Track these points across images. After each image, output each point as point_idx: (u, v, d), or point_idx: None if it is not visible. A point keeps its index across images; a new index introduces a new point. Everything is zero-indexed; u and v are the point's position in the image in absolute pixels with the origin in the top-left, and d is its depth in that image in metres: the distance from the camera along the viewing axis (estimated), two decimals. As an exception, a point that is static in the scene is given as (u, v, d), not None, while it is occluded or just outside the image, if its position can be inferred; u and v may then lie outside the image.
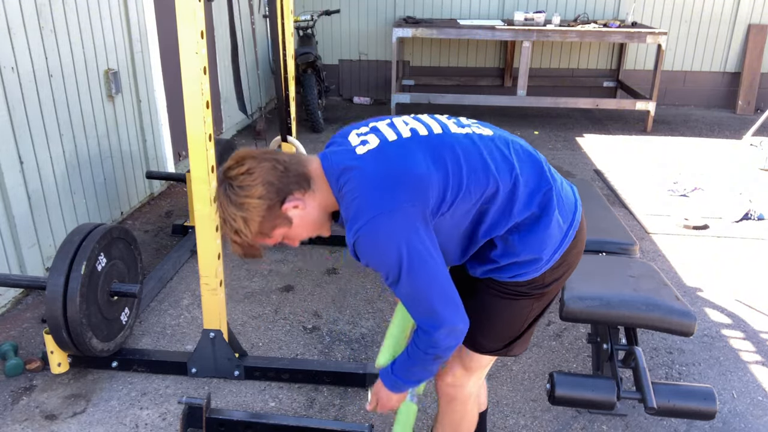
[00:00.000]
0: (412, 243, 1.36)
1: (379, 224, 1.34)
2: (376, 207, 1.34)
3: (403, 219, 1.35)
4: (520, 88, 6.19)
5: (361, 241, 1.37)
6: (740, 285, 3.37)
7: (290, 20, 3.34)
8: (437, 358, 1.49)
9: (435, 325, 1.43)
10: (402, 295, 1.44)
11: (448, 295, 1.43)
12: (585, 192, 3.19)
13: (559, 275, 1.59)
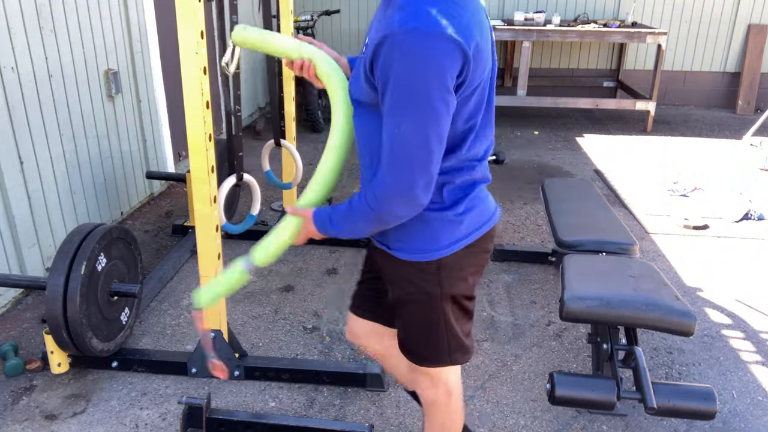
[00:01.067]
0: (443, 81, 1.23)
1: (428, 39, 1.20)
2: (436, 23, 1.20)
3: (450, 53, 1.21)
4: (520, 88, 6.19)
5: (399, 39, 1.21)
6: (740, 285, 3.37)
7: (290, 20, 3.34)
8: (378, 220, 1.40)
9: (397, 184, 1.31)
10: (388, 128, 1.29)
11: (430, 164, 1.31)
12: (585, 192, 3.19)
13: (456, 273, 1.53)
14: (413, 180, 1.31)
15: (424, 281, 1.53)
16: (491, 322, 2.99)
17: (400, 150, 1.29)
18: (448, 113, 1.28)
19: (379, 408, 2.41)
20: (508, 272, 3.46)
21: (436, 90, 1.23)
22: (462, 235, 1.53)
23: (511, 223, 4.09)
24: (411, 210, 1.37)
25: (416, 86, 1.23)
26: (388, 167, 1.32)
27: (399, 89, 1.24)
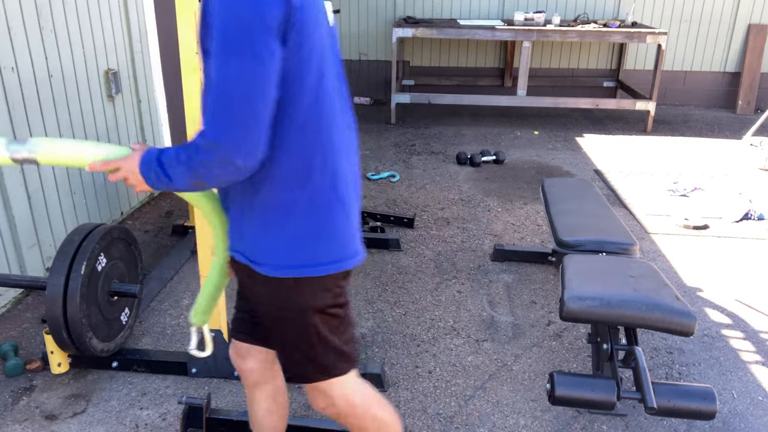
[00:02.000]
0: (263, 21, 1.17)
1: None
2: None
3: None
4: (520, 88, 6.19)
5: None
6: (740, 285, 3.37)
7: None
8: (195, 172, 1.26)
9: (216, 132, 1.21)
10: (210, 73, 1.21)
11: (252, 116, 1.20)
12: (585, 192, 3.19)
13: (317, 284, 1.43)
14: (233, 132, 1.20)
15: (285, 298, 1.44)
16: (491, 322, 2.99)
17: (221, 96, 1.19)
18: (273, 61, 1.20)
19: (379, 408, 2.41)
20: (508, 272, 3.46)
21: (257, 31, 1.17)
22: (324, 260, 1.41)
23: (511, 223, 4.09)
24: (227, 169, 1.24)
25: (235, 27, 1.17)
26: (208, 114, 1.22)
27: (220, 31, 1.18)
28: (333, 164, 1.38)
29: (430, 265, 3.53)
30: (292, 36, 1.22)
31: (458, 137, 6.02)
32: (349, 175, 1.44)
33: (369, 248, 3.70)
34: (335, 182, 1.38)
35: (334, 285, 1.46)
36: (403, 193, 4.59)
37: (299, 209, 1.36)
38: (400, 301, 3.16)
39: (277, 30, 1.20)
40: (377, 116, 6.73)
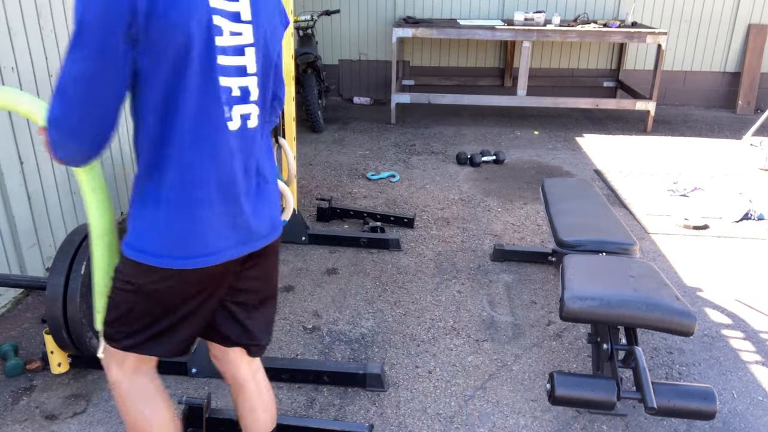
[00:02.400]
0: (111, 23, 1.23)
1: None
2: None
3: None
4: (520, 88, 6.19)
5: None
6: (740, 285, 3.37)
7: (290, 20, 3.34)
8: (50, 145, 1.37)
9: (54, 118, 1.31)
10: None
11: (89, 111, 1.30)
12: (585, 192, 3.19)
13: None
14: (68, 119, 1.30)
15: None
16: (491, 322, 2.99)
17: (62, 85, 1.28)
18: (112, 59, 1.26)
19: (379, 408, 2.41)
20: (508, 272, 3.46)
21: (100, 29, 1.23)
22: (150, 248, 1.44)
23: (511, 223, 4.10)
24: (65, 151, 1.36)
25: (81, 21, 1.23)
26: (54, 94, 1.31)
27: (74, 23, 1.25)
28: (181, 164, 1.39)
29: (430, 265, 3.53)
30: (141, 38, 1.26)
31: (458, 137, 6.02)
32: (213, 179, 1.42)
33: (369, 248, 3.71)
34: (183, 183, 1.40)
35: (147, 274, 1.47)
36: (403, 193, 4.59)
37: (148, 201, 1.42)
38: (400, 301, 3.16)
39: (124, 30, 1.24)
40: (377, 116, 6.73)
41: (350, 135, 6.04)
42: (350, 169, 5.08)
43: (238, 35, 1.39)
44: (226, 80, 1.39)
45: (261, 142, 1.55)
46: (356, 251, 3.67)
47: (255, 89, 1.47)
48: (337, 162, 5.23)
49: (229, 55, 1.38)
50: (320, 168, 5.08)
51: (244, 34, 1.40)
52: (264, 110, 1.54)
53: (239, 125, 1.45)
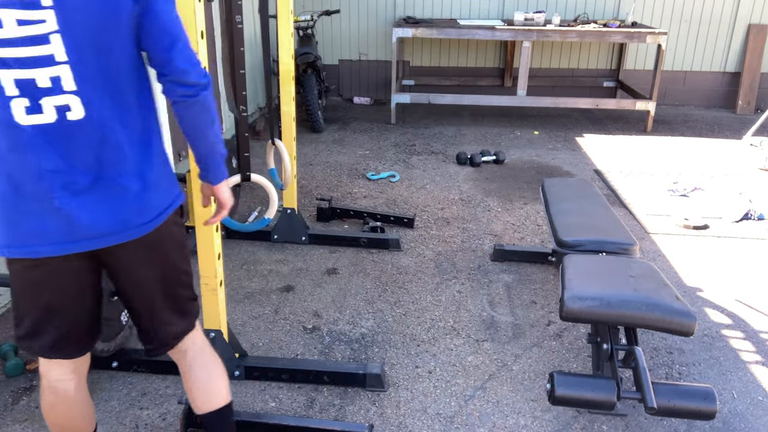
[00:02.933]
0: None
1: None
2: None
3: None
4: (520, 88, 6.19)
5: None
6: (740, 285, 3.37)
7: (290, 20, 3.34)
8: None
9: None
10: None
11: None
12: (585, 192, 3.19)
13: None
14: None
15: None
16: (491, 322, 2.99)
17: None
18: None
19: (379, 408, 2.41)
20: (508, 272, 3.46)
21: None
22: None
23: (511, 223, 4.09)
24: None
25: None
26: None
27: None
28: None
29: (430, 265, 3.53)
30: None
31: (458, 137, 6.02)
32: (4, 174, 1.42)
33: (369, 248, 3.71)
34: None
35: None
36: (403, 193, 4.59)
37: None
38: (400, 301, 3.16)
39: None
40: (377, 116, 6.73)
41: (350, 135, 6.04)
42: (350, 169, 5.08)
43: (32, 24, 1.29)
44: (18, 72, 1.32)
45: (104, 133, 1.44)
46: (356, 251, 3.67)
47: (69, 78, 1.37)
48: (337, 162, 5.23)
49: (17, 47, 1.30)
50: (320, 168, 5.08)
51: (47, 21, 1.31)
52: (104, 97, 1.42)
53: (55, 118, 1.38)
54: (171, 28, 1.48)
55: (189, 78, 1.51)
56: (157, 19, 1.44)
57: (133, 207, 1.52)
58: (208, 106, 1.57)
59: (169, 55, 1.48)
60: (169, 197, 1.62)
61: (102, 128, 1.44)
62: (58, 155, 1.40)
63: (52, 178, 1.41)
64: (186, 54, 1.50)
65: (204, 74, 1.54)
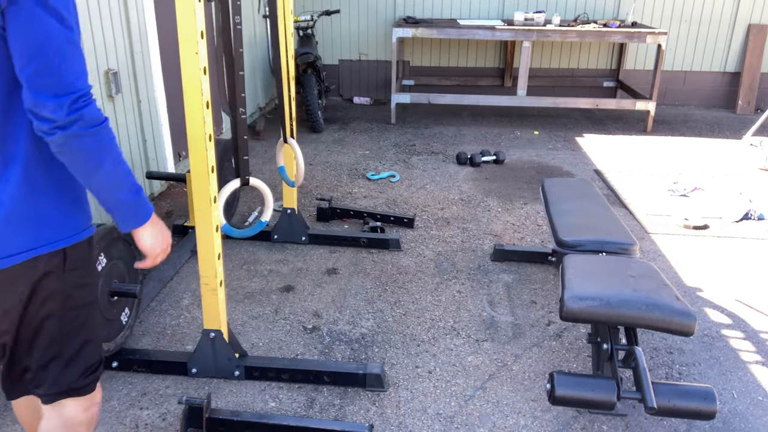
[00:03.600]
0: None
1: None
2: None
3: None
4: (520, 88, 6.19)
5: None
6: (740, 285, 3.37)
7: (290, 20, 3.34)
8: None
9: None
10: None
11: None
12: (585, 192, 3.19)
13: None
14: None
15: None
16: (491, 322, 2.99)
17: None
18: None
19: (379, 408, 2.41)
20: (508, 272, 3.46)
21: None
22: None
23: (511, 223, 4.09)
24: None
25: None
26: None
27: None
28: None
29: (430, 265, 3.53)
30: None
31: (458, 137, 6.02)
32: None
33: (369, 248, 3.70)
34: None
35: None
36: (403, 193, 4.59)
37: None
38: (400, 301, 3.16)
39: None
40: (377, 116, 6.73)
41: (350, 135, 6.04)
42: (350, 169, 5.07)
43: None
44: None
45: None
46: (356, 251, 3.67)
47: None
48: (337, 162, 5.23)
49: None
50: (320, 168, 5.08)
51: None
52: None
53: None
54: (32, 42, 1.21)
55: (42, 111, 1.25)
56: (18, 30, 1.21)
57: None
58: (80, 148, 1.29)
59: (23, 77, 1.24)
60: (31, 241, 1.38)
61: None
62: None
63: None
64: (44, 80, 1.22)
65: (70, 110, 1.25)
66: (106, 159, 1.34)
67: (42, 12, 1.20)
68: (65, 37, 1.24)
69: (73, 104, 1.25)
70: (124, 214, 1.46)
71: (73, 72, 1.26)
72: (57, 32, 1.23)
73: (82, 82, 1.27)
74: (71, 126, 1.25)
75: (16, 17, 1.19)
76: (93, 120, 1.28)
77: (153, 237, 1.51)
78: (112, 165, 1.36)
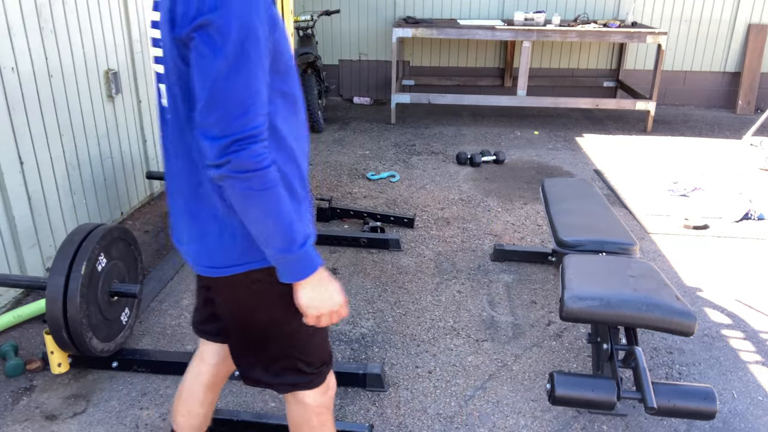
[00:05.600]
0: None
1: None
2: None
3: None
4: (520, 88, 6.19)
5: None
6: (740, 285, 3.37)
7: (290, 20, 3.34)
8: None
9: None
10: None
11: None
12: (585, 192, 3.19)
13: None
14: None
15: None
16: (491, 322, 2.99)
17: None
18: None
19: (379, 408, 2.41)
20: (508, 272, 3.46)
21: None
22: None
23: (511, 223, 4.09)
24: None
25: None
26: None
27: None
28: None
29: (430, 265, 3.53)
30: None
31: (458, 137, 6.02)
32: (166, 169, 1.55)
33: (369, 248, 3.70)
34: None
35: None
36: (403, 193, 4.59)
37: None
38: (400, 301, 3.16)
39: None
40: (377, 116, 6.73)
41: (350, 135, 6.04)
42: (350, 169, 5.07)
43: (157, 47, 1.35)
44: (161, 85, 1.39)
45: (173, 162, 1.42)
46: (356, 251, 3.67)
47: (164, 94, 1.39)
48: (337, 162, 5.23)
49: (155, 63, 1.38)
50: (320, 168, 5.08)
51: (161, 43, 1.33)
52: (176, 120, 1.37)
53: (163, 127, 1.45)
54: (200, 83, 1.21)
55: (202, 149, 1.26)
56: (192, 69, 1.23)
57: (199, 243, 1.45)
58: (230, 189, 1.24)
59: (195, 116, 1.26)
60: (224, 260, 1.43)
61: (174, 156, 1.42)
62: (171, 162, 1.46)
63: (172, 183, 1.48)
64: (204, 119, 1.22)
65: (222, 153, 1.21)
66: (253, 207, 1.26)
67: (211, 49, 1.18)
68: (231, 77, 1.19)
69: (227, 148, 1.20)
70: (277, 264, 1.35)
71: (231, 115, 1.20)
72: (225, 73, 1.19)
73: (239, 124, 1.20)
74: (220, 168, 1.22)
75: (192, 53, 1.21)
76: (245, 166, 1.21)
77: (312, 296, 1.39)
78: (260, 214, 1.26)
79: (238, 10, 1.16)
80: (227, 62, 1.17)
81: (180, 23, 1.20)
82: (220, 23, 1.15)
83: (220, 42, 1.16)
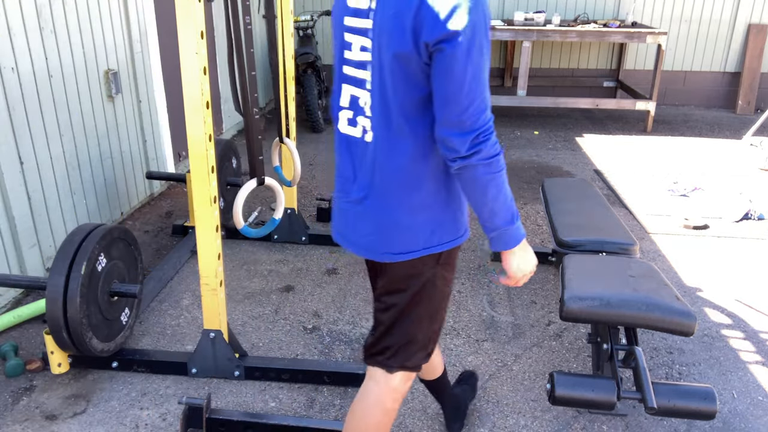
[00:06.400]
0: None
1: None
2: None
3: None
4: (520, 88, 6.19)
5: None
6: (740, 285, 3.37)
7: (290, 20, 3.34)
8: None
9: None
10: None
11: None
12: (585, 192, 3.19)
13: None
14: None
15: None
16: (491, 322, 2.99)
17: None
18: None
19: (379, 408, 2.40)
20: (508, 272, 3.46)
21: None
22: None
23: (511, 223, 4.09)
24: None
25: None
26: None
27: None
28: None
29: (430, 265, 3.52)
30: None
31: (458, 137, 6.01)
32: (336, 171, 1.70)
33: (369, 248, 3.70)
34: None
35: None
36: (403, 193, 4.58)
37: None
38: (400, 301, 3.15)
39: None
40: None
41: (350, 135, 6.03)
42: (350, 169, 5.07)
43: (364, 51, 1.48)
44: (352, 89, 1.54)
45: (377, 158, 1.53)
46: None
47: (369, 104, 1.51)
48: (337, 162, 5.22)
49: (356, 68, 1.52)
50: (320, 168, 5.08)
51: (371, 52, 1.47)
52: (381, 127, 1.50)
53: (360, 134, 1.57)
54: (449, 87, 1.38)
55: (449, 143, 1.44)
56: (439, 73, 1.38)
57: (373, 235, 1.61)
58: (472, 176, 1.45)
59: (436, 113, 1.44)
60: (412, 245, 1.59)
61: (381, 152, 1.54)
62: (349, 165, 1.61)
63: (348, 184, 1.62)
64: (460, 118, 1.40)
65: (471, 145, 1.40)
66: (491, 188, 1.47)
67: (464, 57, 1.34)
68: (476, 79, 1.38)
69: (475, 140, 1.40)
70: (496, 236, 1.56)
71: (477, 111, 1.39)
72: (471, 77, 1.36)
73: (483, 118, 1.40)
74: (470, 158, 1.42)
75: (441, 61, 1.36)
76: (490, 153, 1.43)
77: (519, 261, 1.62)
78: (495, 193, 1.48)
79: (479, 21, 1.33)
80: (474, 68, 1.36)
81: (428, 32, 1.33)
82: (470, 34, 1.32)
83: (468, 51, 1.34)
